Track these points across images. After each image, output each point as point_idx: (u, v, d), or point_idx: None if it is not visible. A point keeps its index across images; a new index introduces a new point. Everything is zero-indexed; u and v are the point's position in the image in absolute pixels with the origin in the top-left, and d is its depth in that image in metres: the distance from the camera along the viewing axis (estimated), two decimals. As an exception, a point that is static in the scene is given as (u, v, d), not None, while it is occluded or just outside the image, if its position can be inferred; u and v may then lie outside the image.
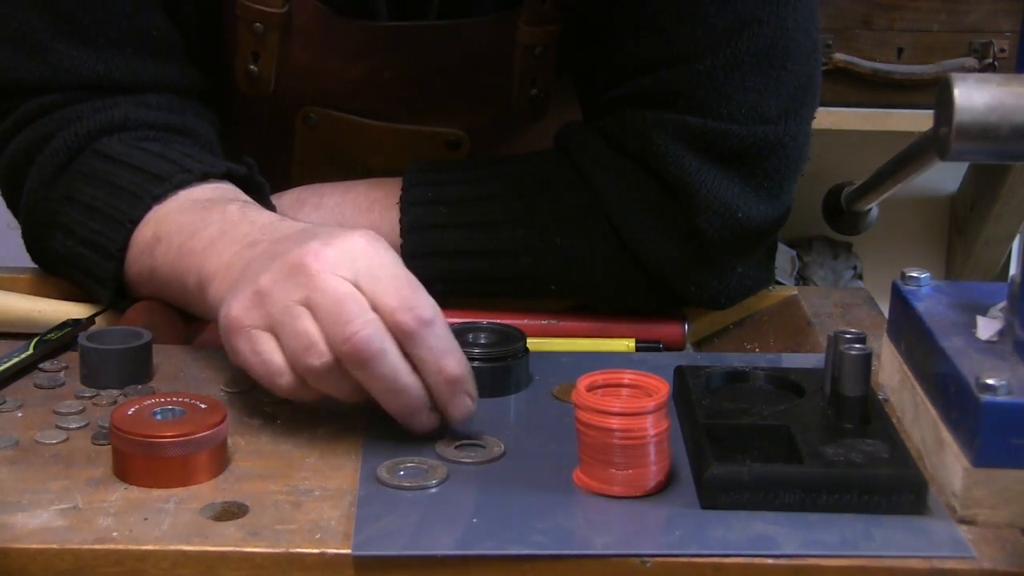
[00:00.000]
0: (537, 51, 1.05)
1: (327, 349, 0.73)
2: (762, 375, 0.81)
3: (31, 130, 0.99)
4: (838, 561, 0.66)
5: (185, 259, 0.87)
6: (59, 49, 0.97)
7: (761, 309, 1.04)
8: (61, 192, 0.96)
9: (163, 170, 0.93)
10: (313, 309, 0.74)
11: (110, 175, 0.94)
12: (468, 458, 0.74)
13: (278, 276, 0.75)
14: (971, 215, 2.25)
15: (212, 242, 0.85)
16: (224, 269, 0.82)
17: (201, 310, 0.88)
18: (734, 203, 0.95)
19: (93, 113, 0.98)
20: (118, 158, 0.95)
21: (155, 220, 0.91)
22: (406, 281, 0.76)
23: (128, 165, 0.95)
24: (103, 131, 0.97)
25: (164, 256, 0.89)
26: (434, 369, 0.74)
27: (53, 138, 0.97)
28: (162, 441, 0.71)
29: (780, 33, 0.94)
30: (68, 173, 0.96)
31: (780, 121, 0.95)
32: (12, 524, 0.67)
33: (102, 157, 0.96)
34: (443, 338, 0.75)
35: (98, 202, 0.94)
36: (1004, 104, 0.68)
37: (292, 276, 0.75)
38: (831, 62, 2.00)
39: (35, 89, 0.98)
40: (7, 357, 0.84)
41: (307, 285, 0.74)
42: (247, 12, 1.01)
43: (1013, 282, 0.75)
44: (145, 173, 0.93)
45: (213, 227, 0.86)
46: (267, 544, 0.66)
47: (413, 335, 0.74)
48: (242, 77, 1.05)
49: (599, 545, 0.66)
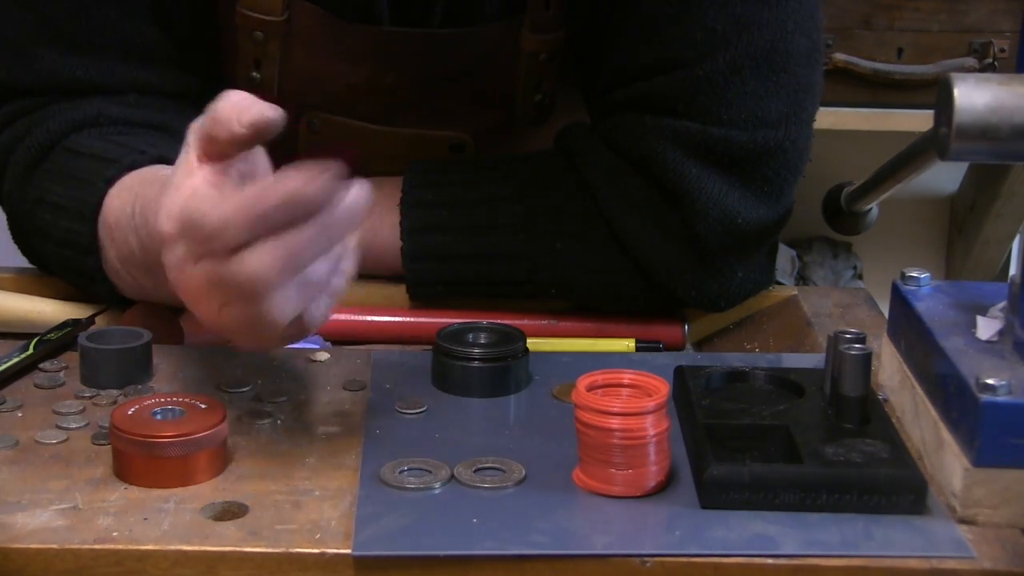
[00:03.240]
0: (542, 57, 1.04)
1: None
2: (762, 375, 0.81)
3: (9, 132, 0.99)
4: (838, 561, 0.66)
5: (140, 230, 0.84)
6: (41, 54, 0.97)
7: (761, 309, 1.04)
8: (32, 194, 0.96)
9: (117, 153, 0.92)
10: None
11: (72, 169, 0.93)
12: (487, 483, 0.72)
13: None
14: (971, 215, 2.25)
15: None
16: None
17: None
18: (734, 209, 0.95)
19: (65, 111, 0.97)
20: (82, 151, 0.94)
21: (111, 202, 0.90)
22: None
23: (88, 155, 0.94)
24: (73, 127, 0.97)
25: (126, 235, 0.87)
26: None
27: (25, 138, 0.97)
28: (162, 441, 0.71)
29: (780, 36, 0.94)
30: (38, 173, 0.96)
31: (780, 125, 0.95)
32: (12, 524, 0.67)
33: (69, 153, 0.95)
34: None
35: (62, 198, 0.93)
36: (1004, 104, 0.68)
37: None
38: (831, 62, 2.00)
39: (16, 92, 0.98)
40: (7, 357, 0.84)
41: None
42: (247, 21, 1.01)
43: (1013, 282, 0.75)
44: (100, 159, 0.92)
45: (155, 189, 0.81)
46: (267, 544, 0.66)
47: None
48: (244, 84, 1.04)
49: (599, 545, 0.66)
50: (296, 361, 0.88)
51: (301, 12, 1.01)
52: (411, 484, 0.71)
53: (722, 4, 0.93)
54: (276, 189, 0.68)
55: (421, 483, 0.71)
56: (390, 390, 0.84)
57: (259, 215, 0.68)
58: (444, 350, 0.84)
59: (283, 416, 0.80)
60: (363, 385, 0.84)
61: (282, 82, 1.04)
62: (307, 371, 0.87)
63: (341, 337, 0.99)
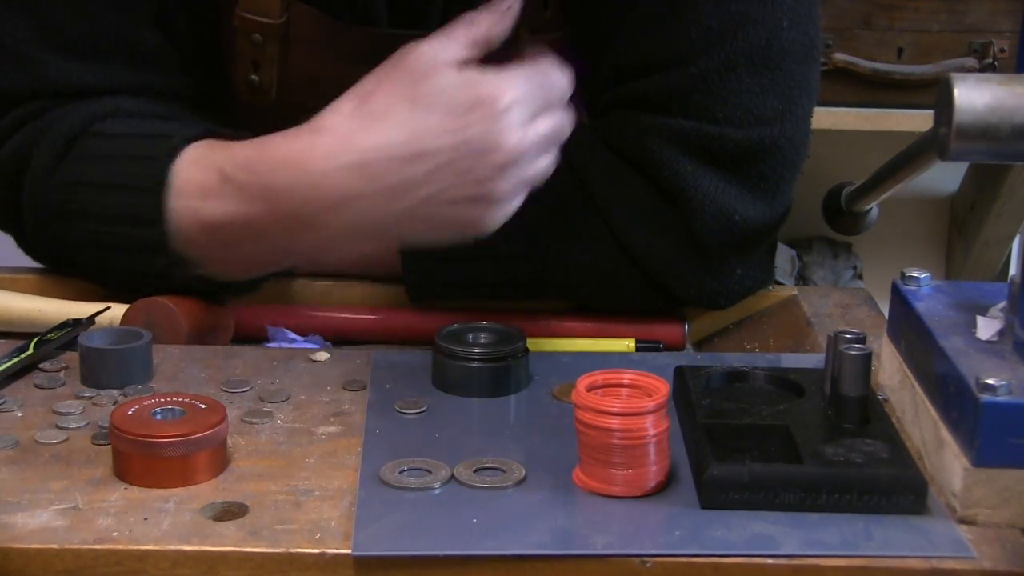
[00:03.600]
0: None
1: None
2: (762, 375, 0.81)
3: (22, 135, 0.98)
4: (838, 561, 0.66)
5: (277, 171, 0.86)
6: (47, 60, 0.97)
7: (761, 309, 1.03)
8: (64, 179, 0.95)
9: (167, 129, 0.93)
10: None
11: (116, 148, 0.94)
12: (487, 483, 0.72)
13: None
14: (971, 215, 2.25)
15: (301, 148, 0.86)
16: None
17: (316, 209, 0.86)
18: (731, 207, 0.95)
19: (84, 106, 0.97)
20: (116, 134, 0.95)
21: (187, 174, 0.90)
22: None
23: (128, 136, 0.94)
24: (95, 118, 0.96)
25: (221, 203, 0.88)
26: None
27: (47, 133, 0.96)
28: (162, 441, 0.71)
29: (775, 32, 0.94)
30: (69, 160, 0.95)
31: (776, 122, 0.95)
32: (12, 524, 0.67)
33: (102, 137, 0.95)
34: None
35: (114, 176, 0.92)
36: (1004, 104, 0.68)
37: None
38: (831, 62, 2.00)
39: (22, 99, 0.98)
40: (7, 357, 0.84)
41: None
42: (245, 23, 1.01)
43: (1013, 282, 0.75)
44: (149, 137, 0.93)
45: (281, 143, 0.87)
46: (267, 544, 0.66)
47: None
48: (243, 86, 1.04)
49: (599, 545, 0.66)
50: (296, 361, 0.88)
51: (299, 14, 1.01)
52: (411, 484, 0.71)
53: (717, 1, 0.93)
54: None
55: (421, 483, 0.71)
56: (390, 390, 0.84)
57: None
58: (444, 350, 0.84)
59: (283, 416, 0.80)
60: (363, 385, 0.84)
61: (281, 84, 1.04)
62: (307, 371, 0.87)
63: (341, 337, 0.99)
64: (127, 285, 0.95)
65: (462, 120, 0.83)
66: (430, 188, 0.84)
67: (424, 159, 0.84)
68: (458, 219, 0.86)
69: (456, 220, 0.86)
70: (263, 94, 1.04)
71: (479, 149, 0.83)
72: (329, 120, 0.86)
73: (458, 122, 0.83)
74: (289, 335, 0.98)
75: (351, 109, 0.86)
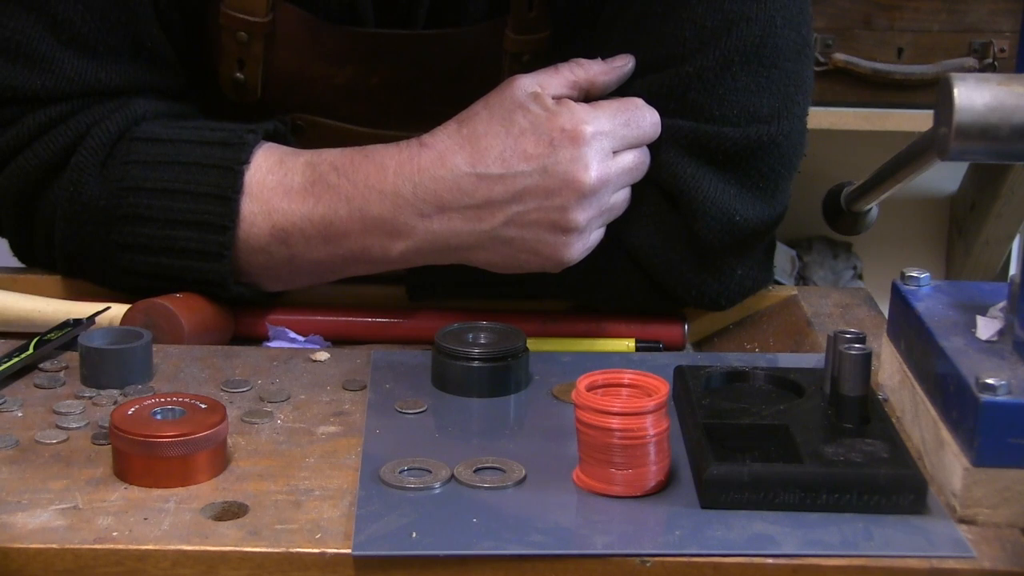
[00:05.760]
0: (525, 59, 1.04)
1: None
2: (762, 375, 0.81)
3: (48, 140, 0.96)
4: (838, 561, 0.66)
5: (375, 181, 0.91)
6: (60, 57, 0.95)
7: (761, 309, 1.03)
8: (117, 185, 0.94)
9: (226, 136, 0.94)
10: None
11: (179, 154, 0.94)
12: (487, 483, 0.72)
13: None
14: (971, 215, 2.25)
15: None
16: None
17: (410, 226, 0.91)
18: (731, 206, 0.95)
19: (113, 112, 0.96)
20: (168, 138, 0.95)
21: (264, 169, 0.93)
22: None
23: (185, 141, 0.95)
24: (131, 122, 0.96)
25: (332, 198, 0.92)
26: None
27: (83, 141, 0.95)
28: (162, 441, 0.71)
29: (769, 31, 0.94)
30: (114, 166, 0.94)
31: (773, 120, 0.95)
32: (12, 524, 0.67)
33: (152, 143, 0.95)
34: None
35: (181, 183, 0.93)
36: (1004, 104, 0.68)
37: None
38: (831, 62, 2.00)
39: (35, 99, 0.96)
40: (7, 357, 0.84)
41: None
42: (231, 21, 1.01)
43: (1013, 282, 0.75)
44: (214, 144, 0.94)
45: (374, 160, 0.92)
46: (267, 544, 0.66)
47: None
48: (228, 84, 1.04)
49: (599, 545, 0.66)
50: (296, 361, 0.88)
51: (285, 13, 1.01)
52: (411, 484, 0.71)
53: (710, 0, 0.93)
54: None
55: (421, 483, 0.71)
56: (390, 390, 0.84)
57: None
58: (444, 350, 0.84)
59: (283, 416, 0.80)
60: (363, 385, 0.84)
61: (266, 83, 1.04)
62: (307, 371, 0.87)
63: (341, 337, 0.99)
64: (166, 290, 0.95)
65: (548, 147, 0.89)
66: (512, 209, 0.90)
67: (509, 181, 0.89)
68: (537, 245, 0.91)
69: (535, 246, 0.91)
70: (248, 92, 1.04)
71: (561, 176, 0.89)
72: (434, 136, 0.92)
73: (545, 149, 0.89)
74: (289, 335, 0.98)
75: (454, 129, 0.92)
